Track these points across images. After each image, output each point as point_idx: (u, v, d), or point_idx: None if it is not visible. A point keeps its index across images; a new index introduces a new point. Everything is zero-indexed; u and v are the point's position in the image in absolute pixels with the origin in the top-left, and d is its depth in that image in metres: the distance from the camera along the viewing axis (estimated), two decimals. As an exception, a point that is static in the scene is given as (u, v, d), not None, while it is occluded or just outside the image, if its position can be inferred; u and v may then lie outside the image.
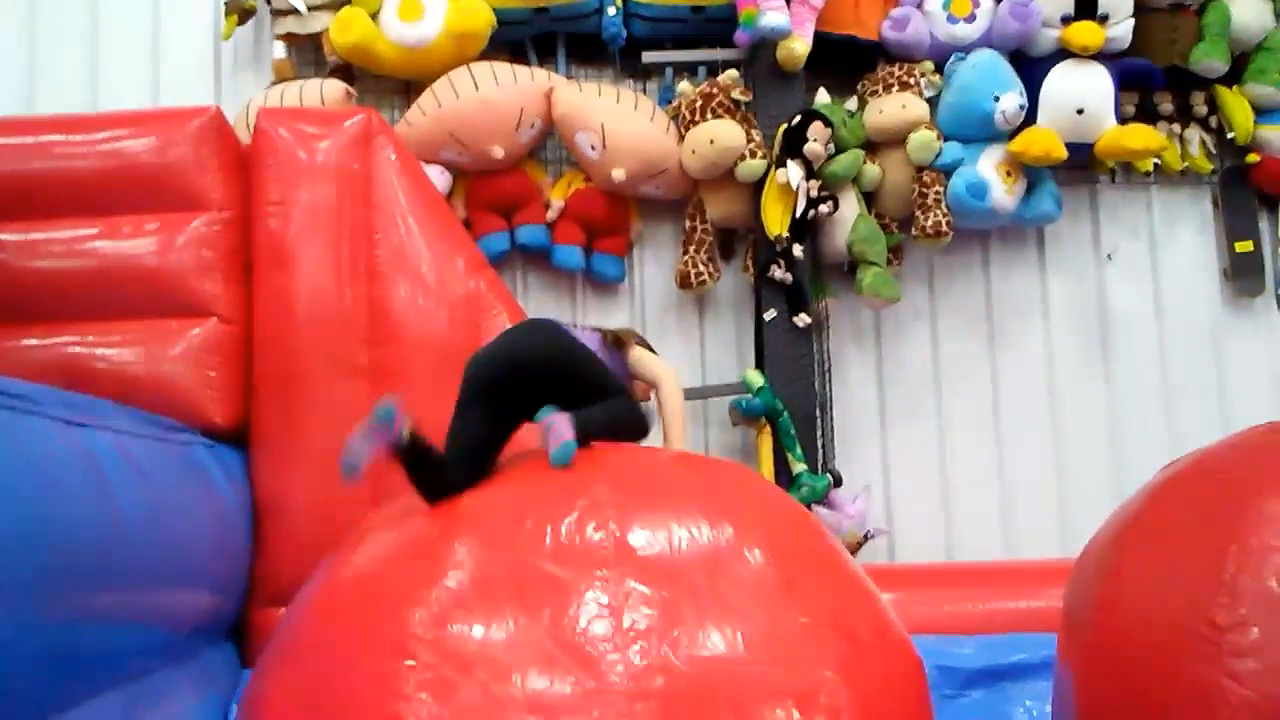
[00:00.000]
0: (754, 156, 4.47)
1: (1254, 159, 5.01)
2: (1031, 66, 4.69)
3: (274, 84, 4.59)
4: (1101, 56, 4.68)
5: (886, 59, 4.73)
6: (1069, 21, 4.63)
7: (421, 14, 4.43)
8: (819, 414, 4.57)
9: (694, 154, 4.49)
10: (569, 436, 2.33)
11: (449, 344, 3.91)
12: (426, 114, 4.45)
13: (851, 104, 4.75)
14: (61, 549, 2.21)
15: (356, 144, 3.98)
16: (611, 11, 4.55)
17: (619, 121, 4.50)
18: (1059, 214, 4.82)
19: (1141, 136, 4.64)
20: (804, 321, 4.49)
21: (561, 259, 4.65)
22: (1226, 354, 5.07)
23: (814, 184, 4.41)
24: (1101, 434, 4.94)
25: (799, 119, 4.42)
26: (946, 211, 4.59)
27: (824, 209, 4.44)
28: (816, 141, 4.37)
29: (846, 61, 4.75)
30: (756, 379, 4.45)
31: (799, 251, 4.42)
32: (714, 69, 4.69)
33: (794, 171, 4.37)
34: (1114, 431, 4.94)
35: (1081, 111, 4.62)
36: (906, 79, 4.63)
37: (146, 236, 3.74)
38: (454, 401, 3.79)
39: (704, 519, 2.04)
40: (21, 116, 4.24)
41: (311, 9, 4.51)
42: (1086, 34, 4.60)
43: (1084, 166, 4.93)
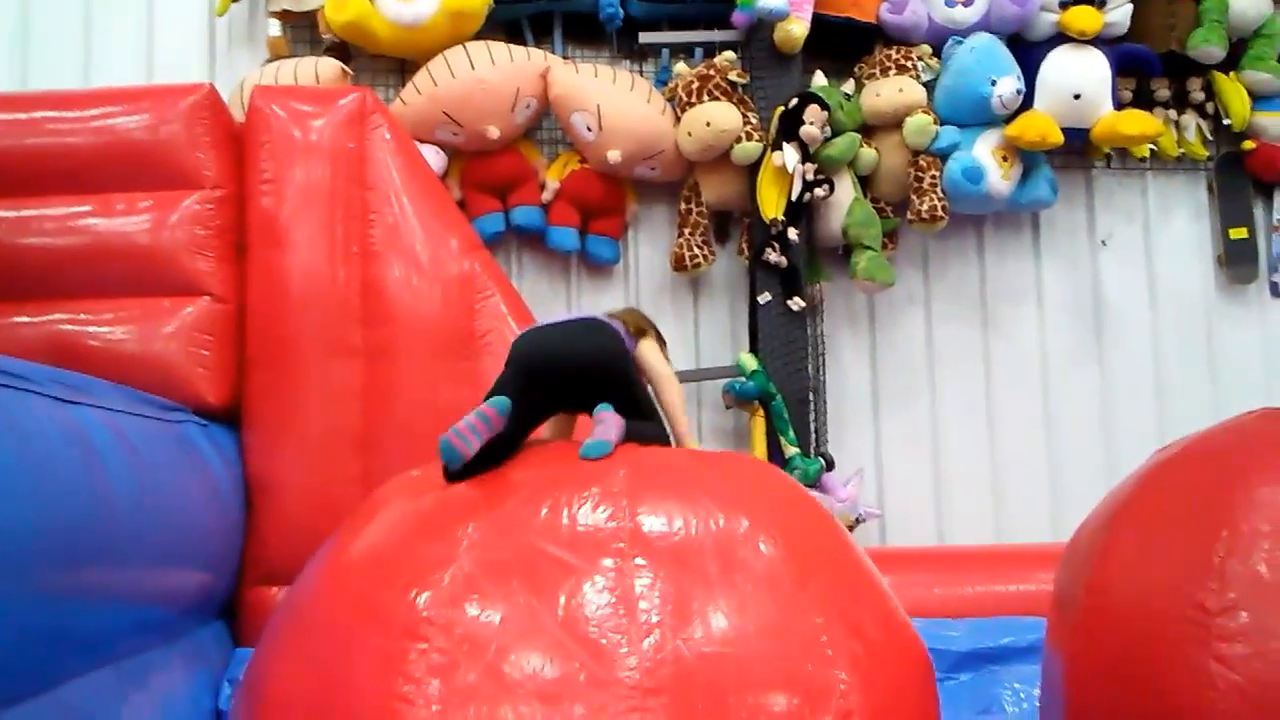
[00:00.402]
0: (750, 139, 4.46)
1: (1249, 146, 5.01)
2: (1029, 51, 4.68)
3: (268, 62, 4.56)
4: (1099, 41, 4.67)
5: (884, 42, 4.71)
6: (1067, 6, 4.62)
7: (418, -8, 4.41)
8: (812, 397, 4.57)
9: (690, 136, 4.48)
10: (611, 438, 2.32)
11: (442, 324, 3.92)
12: (422, 93, 4.42)
13: (848, 87, 4.74)
14: (52, 527, 2.21)
15: (351, 123, 3.96)
16: (608, -9, 4.53)
17: (615, 102, 4.49)
18: (1054, 199, 4.82)
19: (1138, 122, 4.64)
20: (798, 305, 4.49)
21: (556, 240, 4.64)
22: (1219, 340, 5.08)
23: (810, 167, 4.40)
24: (1094, 419, 4.95)
25: (795, 101, 4.40)
26: (942, 196, 4.58)
27: (820, 192, 4.43)
28: (813, 124, 4.36)
29: (844, 44, 4.74)
30: (750, 362, 4.45)
31: (794, 235, 4.41)
32: (711, 50, 4.67)
33: (790, 154, 4.35)
34: (1106, 416, 4.96)
35: (1078, 96, 4.62)
36: (904, 62, 4.62)
37: (139, 214, 3.73)
38: (450, 378, 3.83)
39: (720, 511, 2.02)
40: (14, 93, 4.22)
41: (307, -14, 4.49)
42: (1084, 19, 4.59)
43: (1080, 152, 4.93)
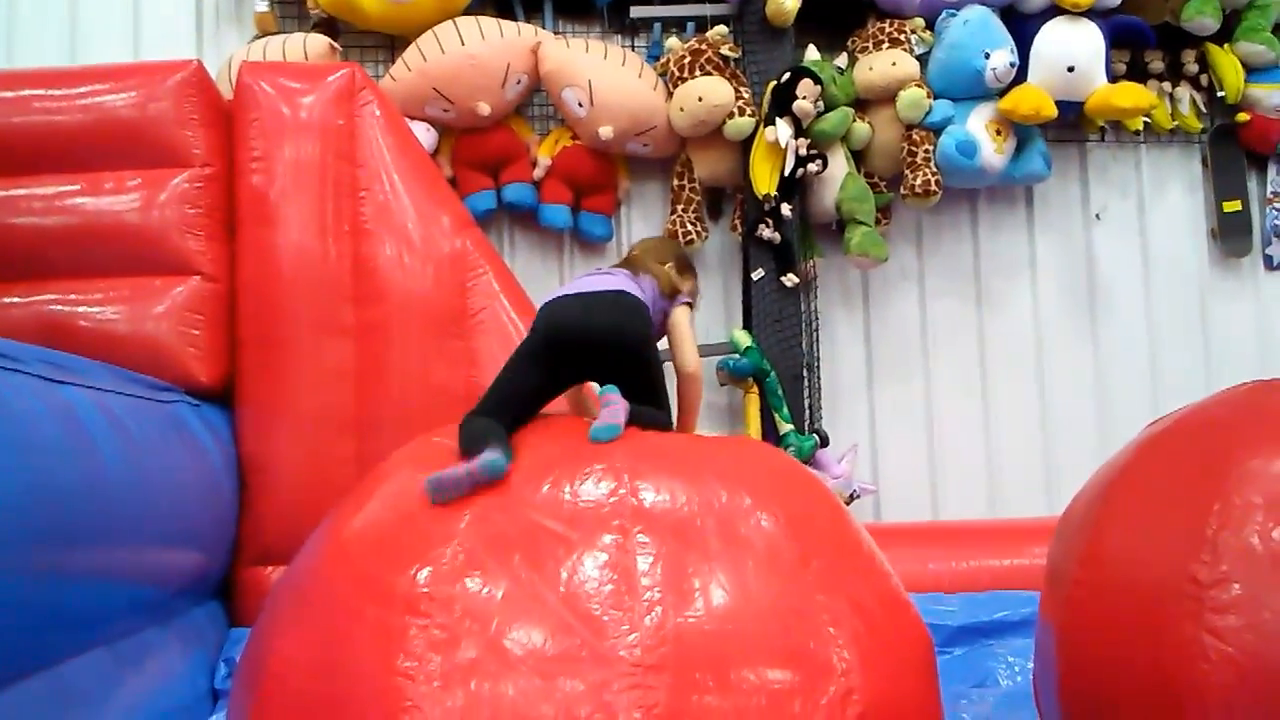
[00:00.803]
0: (742, 114, 4.44)
1: (1244, 118, 5.00)
2: (1022, 23, 4.65)
3: (256, 38, 4.53)
4: (1093, 13, 4.64)
5: (876, 15, 4.69)
6: (1061, -22, 4.60)
7: (406, -33, 4.36)
8: (806, 374, 4.57)
9: (682, 111, 4.45)
10: (619, 421, 2.29)
11: (434, 303, 3.90)
12: (411, 69, 4.39)
13: (841, 61, 4.71)
14: (43, 507, 2.21)
15: (340, 99, 3.93)
16: (599, -34, 4.50)
17: (607, 78, 4.46)
18: (1048, 173, 4.80)
19: (1132, 95, 4.62)
20: (792, 281, 4.48)
21: (548, 218, 4.62)
22: (1213, 314, 5.09)
23: (803, 142, 4.38)
24: (1088, 393, 4.96)
25: (788, 76, 4.38)
26: (935, 170, 4.57)
27: (813, 167, 4.41)
28: (806, 99, 4.33)
29: (836, 17, 4.71)
30: (744, 339, 4.44)
31: (787, 210, 4.40)
32: (702, 25, 4.64)
33: (783, 129, 4.33)
34: (1100, 390, 4.97)
35: (1072, 69, 4.60)
36: (897, 35, 4.59)
37: (128, 193, 3.69)
38: (442, 357, 3.82)
39: (722, 487, 2.02)
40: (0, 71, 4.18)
41: (294, -39, 4.45)
42: (1078, -10, 4.57)
43: (1074, 125, 4.92)
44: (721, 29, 4.54)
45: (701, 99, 4.40)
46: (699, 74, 4.44)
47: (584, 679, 1.68)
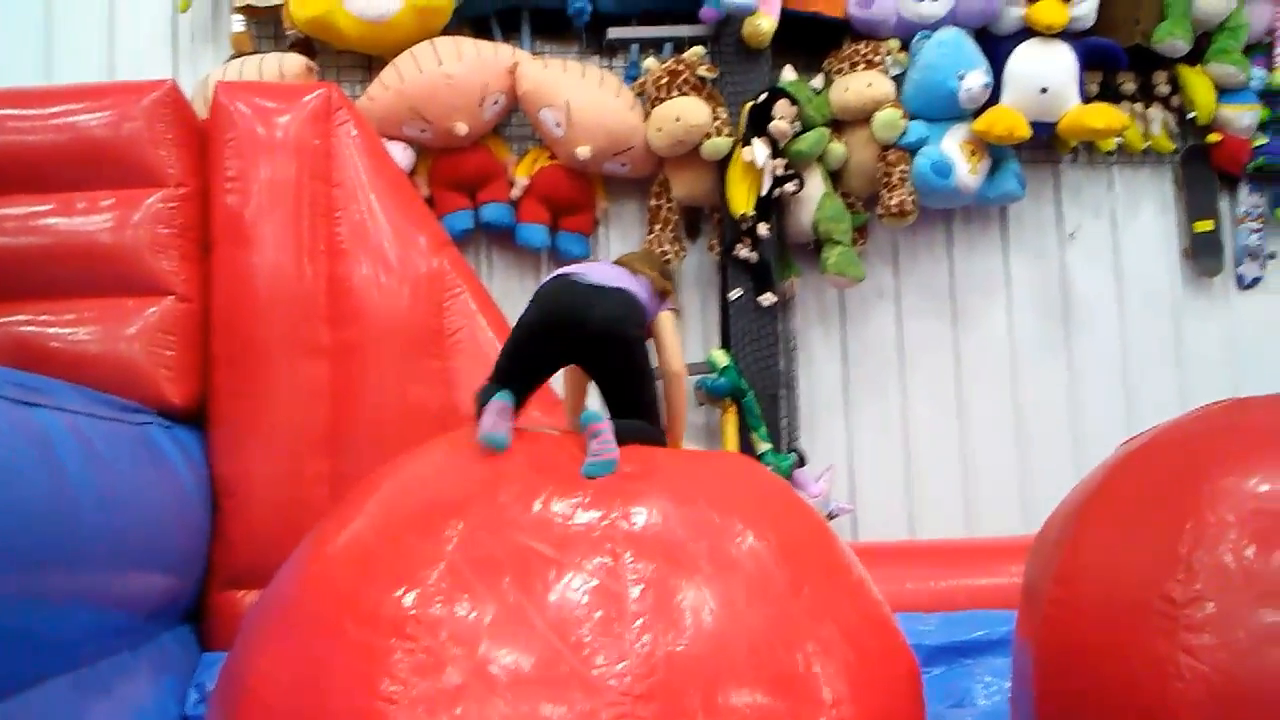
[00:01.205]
0: (719, 134, 4.45)
1: (1215, 139, 5.05)
2: (996, 45, 4.69)
3: (232, 58, 4.52)
4: (1065, 35, 4.69)
5: (852, 36, 4.72)
6: (1034, 0, 4.64)
7: (383, -13, 4.37)
8: (784, 393, 4.57)
9: (659, 131, 4.47)
10: (613, 456, 2.24)
11: (411, 322, 3.89)
12: (388, 89, 4.39)
13: (817, 82, 4.74)
14: (10, 529, 2.17)
15: (317, 119, 3.92)
16: (576, -14, 4.51)
17: (584, 98, 4.47)
18: (1022, 193, 4.84)
19: (1104, 116, 4.66)
20: (769, 300, 4.49)
21: (526, 237, 4.61)
22: (1185, 332, 5.12)
23: (779, 162, 4.40)
24: (1062, 412, 4.98)
25: (765, 96, 4.40)
26: (911, 190, 4.59)
27: (789, 187, 4.43)
28: (782, 119, 4.35)
29: (813, 39, 4.74)
30: (722, 358, 4.44)
31: (764, 230, 4.41)
32: (680, 46, 4.66)
33: (759, 149, 4.35)
34: (1074, 408, 4.99)
35: (1045, 90, 4.64)
36: (872, 57, 4.62)
37: (101, 213, 3.67)
38: (418, 377, 3.80)
39: (713, 511, 2.02)
40: (-28, 90, 4.14)
41: (271, -19, 4.44)
42: (1051, 13, 4.61)
43: (1047, 146, 4.95)
44: (699, 50, 4.56)
45: (679, 119, 4.42)
46: (676, 94, 4.45)
47: (571, 707, 1.67)
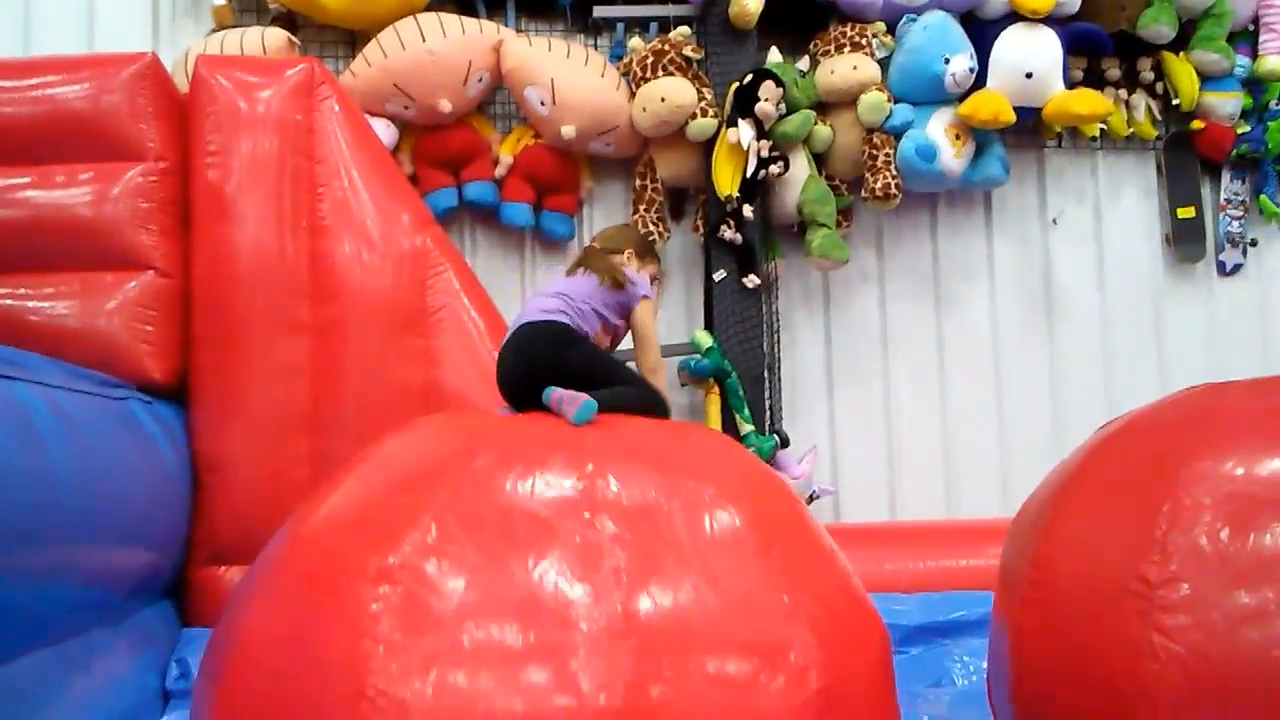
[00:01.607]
0: (705, 115, 4.44)
1: (1198, 126, 5.07)
2: (982, 29, 4.69)
3: (213, 31, 4.46)
4: (1051, 20, 4.69)
5: (838, 19, 4.70)
6: (1020, -16, 4.65)
7: (367, -38, 4.33)
8: (767, 375, 4.58)
9: (645, 111, 4.45)
10: (583, 397, 2.35)
11: (394, 301, 3.87)
12: (372, 65, 4.35)
13: (803, 64, 4.73)
14: (-12, 505, 2.16)
15: (299, 94, 3.89)
16: (562, -36, 4.49)
17: (569, 77, 4.44)
18: (1006, 178, 4.85)
19: (1089, 101, 4.67)
20: (753, 282, 4.49)
21: (510, 216, 4.60)
22: (1166, 318, 5.16)
23: (765, 144, 4.39)
24: (1044, 395, 5.01)
25: (750, 78, 4.38)
26: (896, 174, 4.59)
27: (774, 169, 4.42)
28: (768, 101, 4.34)
29: (799, 21, 4.72)
30: (705, 339, 4.44)
31: (749, 212, 4.41)
32: (666, 25, 4.64)
33: (745, 131, 4.34)
34: (1056, 393, 5.02)
35: (1030, 75, 4.64)
36: (858, 39, 4.61)
37: (80, 186, 3.63)
38: (401, 355, 3.81)
39: (688, 478, 2.05)
40: (-52, 60, 4.08)
41: (253, -46, 4.40)
42: (1037, -3, 4.61)
43: (1031, 131, 4.97)
44: (684, 30, 4.54)
45: (664, 99, 4.40)
46: (661, 74, 4.44)
47: (551, 651, 1.71)
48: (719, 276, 4.51)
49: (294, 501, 2.42)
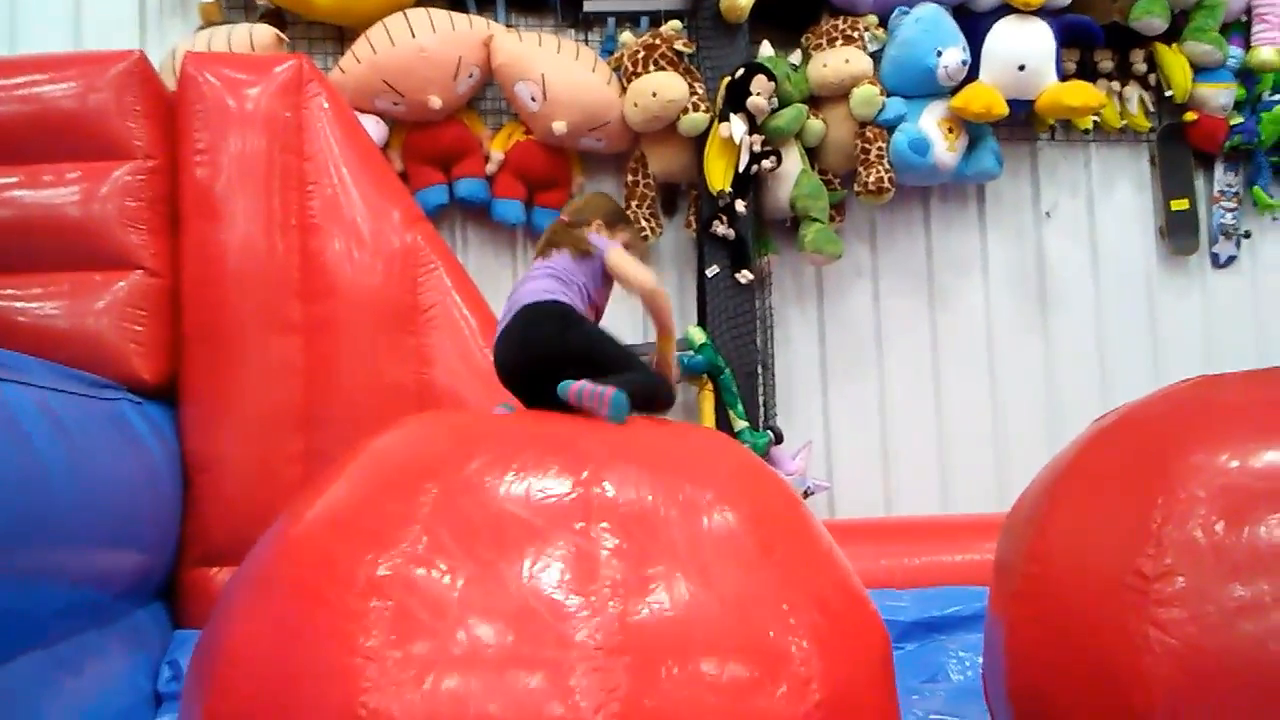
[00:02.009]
0: (696, 110, 4.43)
1: (1191, 117, 5.07)
2: (974, 22, 4.68)
3: (201, 28, 4.44)
4: (1043, 13, 4.69)
5: (831, 12, 4.70)
6: (1012, -23, 4.64)
7: (355, -42, 4.31)
8: (760, 370, 4.57)
9: (636, 106, 4.43)
10: (610, 392, 2.34)
11: (384, 298, 3.86)
12: (361, 61, 4.33)
13: (795, 58, 4.72)
14: (-26, 507, 2.14)
15: (287, 91, 3.87)
16: (552, -41, 4.47)
17: (560, 72, 4.42)
18: (999, 171, 4.84)
19: (1081, 94, 4.66)
20: (746, 278, 4.48)
21: (501, 213, 4.58)
22: (1160, 310, 5.16)
23: (757, 138, 4.37)
24: (1038, 389, 5.01)
25: (742, 72, 4.37)
26: (889, 168, 4.58)
27: (767, 164, 4.41)
28: (760, 95, 4.33)
29: (791, 14, 4.71)
30: (699, 336, 4.43)
31: (741, 207, 4.39)
32: (656, 20, 4.62)
33: (737, 125, 4.32)
34: (1050, 386, 5.02)
35: (1023, 68, 4.63)
36: (850, 33, 4.60)
37: (68, 185, 3.62)
38: (392, 353, 3.79)
39: (684, 481, 2.02)
40: (-66, 59, 4.06)
41: (241, -49, 4.37)
42: (1029, -10, 4.60)
43: (1024, 123, 4.96)
44: (676, 24, 4.52)
45: (655, 94, 4.38)
46: (653, 69, 4.42)
47: (546, 664, 1.68)
48: (712, 272, 4.50)
49: (286, 501, 2.40)
